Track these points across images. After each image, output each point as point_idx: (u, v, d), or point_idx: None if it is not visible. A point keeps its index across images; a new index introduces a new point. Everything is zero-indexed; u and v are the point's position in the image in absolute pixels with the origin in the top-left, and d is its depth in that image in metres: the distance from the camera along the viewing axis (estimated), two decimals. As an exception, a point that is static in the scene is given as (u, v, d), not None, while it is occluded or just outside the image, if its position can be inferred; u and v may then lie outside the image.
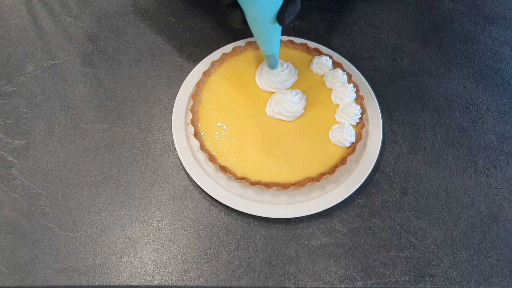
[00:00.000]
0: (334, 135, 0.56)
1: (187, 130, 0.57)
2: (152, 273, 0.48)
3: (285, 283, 0.48)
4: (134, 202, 0.53)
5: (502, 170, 0.58)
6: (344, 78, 0.60)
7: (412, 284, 0.49)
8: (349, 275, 0.49)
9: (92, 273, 0.48)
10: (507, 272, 0.50)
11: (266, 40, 0.52)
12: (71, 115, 0.59)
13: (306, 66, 0.63)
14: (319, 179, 0.52)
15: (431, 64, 0.68)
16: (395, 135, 0.60)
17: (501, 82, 0.66)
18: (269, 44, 0.53)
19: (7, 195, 0.52)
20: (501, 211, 0.54)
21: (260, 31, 0.50)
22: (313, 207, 0.51)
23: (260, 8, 0.45)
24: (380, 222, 0.53)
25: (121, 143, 0.57)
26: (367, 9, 0.74)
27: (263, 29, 0.49)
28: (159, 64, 0.65)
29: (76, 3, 0.72)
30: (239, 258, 0.50)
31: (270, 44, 0.53)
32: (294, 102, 0.57)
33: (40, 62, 0.64)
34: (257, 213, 0.51)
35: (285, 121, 0.57)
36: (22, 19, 0.69)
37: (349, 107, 0.56)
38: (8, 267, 0.48)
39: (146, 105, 0.61)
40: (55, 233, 0.50)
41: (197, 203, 0.53)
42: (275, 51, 0.54)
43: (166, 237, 0.51)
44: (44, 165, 0.55)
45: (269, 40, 0.52)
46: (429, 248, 0.51)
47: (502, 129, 0.61)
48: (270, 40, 0.52)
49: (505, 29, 0.73)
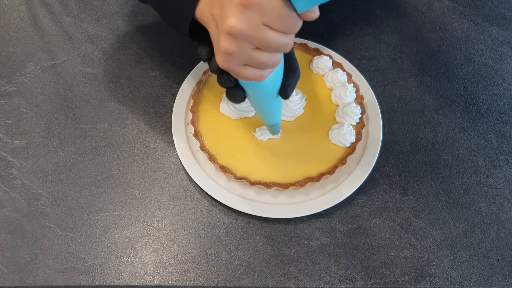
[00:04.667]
0: (334, 135, 0.56)
1: (187, 130, 0.57)
2: (152, 273, 0.48)
3: (285, 283, 0.48)
4: (134, 202, 0.53)
5: (502, 170, 0.58)
6: (344, 78, 0.60)
7: (412, 284, 0.49)
8: (349, 275, 0.49)
9: (92, 273, 0.48)
10: (507, 272, 0.50)
11: (270, 113, 0.50)
12: (71, 115, 0.59)
13: (306, 66, 0.63)
14: (319, 179, 0.52)
15: (431, 64, 0.68)
16: (395, 135, 0.60)
17: (501, 82, 0.66)
18: (272, 116, 0.50)
19: (7, 195, 0.52)
20: (501, 211, 0.54)
21: (263, 107, 0.48)
22: (313, 207, 0.51)
23: (264, 90, 0.43)
24: (380, 222, 0.53)
25: (121, 143, 0.57)
26: (367, 9, 0.74)
27: (266, 105, 0.48)
28: (159, 64, 0.65)
29: (76, 3, 0.72)
30: (239, 258, 0.50)
31: (273, 115, 0.50)
32: (294, 102, 0.57)
33: (40, 62, 0.64)
34: (257, 213, 0.51)
35: (285, 121, 0.57)
36: (22, 19, 0.69)
37: (349, 107, 0.56)
38: (8, 267, 0.48)
39: (146, 105, 0.61)
40: (55, 233, 0.50)
41: (197, 203, 0.53)
42: (278, 120, 0.52)
43: (166, 237, 0.51)
44: (44, 165, 0.55)
45: (273, 113, 0.50)
46: (429, 248, 0.51)
47: (502, 129, 0.61)
48: (274, 113, 0.50)
49: (505, 29, 0.73)
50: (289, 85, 0.44)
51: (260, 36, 0.34)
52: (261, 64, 0.37)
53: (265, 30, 0.34)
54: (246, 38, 0.35)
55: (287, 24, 0.34)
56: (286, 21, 0.34)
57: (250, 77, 0.39)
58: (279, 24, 0.34)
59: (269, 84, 0.42)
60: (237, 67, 0.38)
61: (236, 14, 0.33)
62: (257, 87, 0.42)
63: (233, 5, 0.33)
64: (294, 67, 0.44)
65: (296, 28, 0.36)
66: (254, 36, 0.34)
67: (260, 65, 0.37)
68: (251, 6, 0.33)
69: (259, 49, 0.36)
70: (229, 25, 0.34)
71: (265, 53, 0.37)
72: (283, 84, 0.44)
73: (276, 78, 0.43)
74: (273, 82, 0.43)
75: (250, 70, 0.38)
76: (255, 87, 0.42)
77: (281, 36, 0.35)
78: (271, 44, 0.35)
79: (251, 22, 0.34)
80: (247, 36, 0.34)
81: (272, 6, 0.33)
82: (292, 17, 0.34)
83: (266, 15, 0.33)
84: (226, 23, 0.34)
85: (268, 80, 0.41)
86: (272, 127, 0.53)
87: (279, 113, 0.51)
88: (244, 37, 0.34)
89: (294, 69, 0.44)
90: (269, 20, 0.34)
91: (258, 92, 0.44)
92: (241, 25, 0.34)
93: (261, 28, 0.34)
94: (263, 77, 0.39)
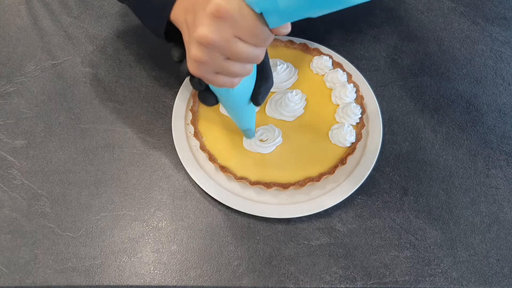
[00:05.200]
0: (334, 135, 0.56)
1: (187, 130, 0.57)
2: (152, 273, 0.48)
3: (285, 283, 0.48)
4: (134, 202, 0.53)
5: (502, 170, 0.58)
6: (344, 78, 0.60)
7: (412, 284, 0.49)
8: (349, 275, 0.49)
9: (92, 273, 0.48)
10: (507, 272, 0.50)
11: (241, 118, 0.50)
12: (71, 115, 0.59)
13: (306, 66, 0.63)
14: (319, 179, 0.52)
15: (431, 64, 0.68)
16: (395, 135, 0.60)
17: (501, 82, 0.66)
18: (244, 121, 0.50)
19: (7, 195, 0.52)
20: (501, 211, 0.54)
21: (234, 112, 0.49)
22: (313, 207, 0.51)
23: (234, 96, 0.43)
24: (380, 222, 0.53)
25: (121, 143, 0.57)
26: (367, 9, 0.74)
27: (238, 110, 0.48)
28: (159, 64, 0.65)
29: (76, 3, 0.72)
30: (239, 258, 0.50)
31: (245, 120, 0.51)
32: (294, 102, 0.57)
33: (40, 62, 0.64)
34: (257, 213, 0.51)
35: (285, 121, 0.57)
36: (22, 19, 0.69)
37: (349, 107, 0.56)
38: (8, 267, 0.48)
39: (146, 105, 0.61)
40: (55, 233, 0.50)
41: (197, 203, 0.53)
42: (251, 125, 0.52)
43: (166, 237, 0.51)
44: (44, 165, 0.55)
45: (244, 118, 0.50)
46: (429, 248, 0.51)
47: (502, 129, 0.61)
48: (245, 118, 0.50)
49: (505, 29, 0.73)
50: (260, 93, 0.44)
51: (231, 47, 0.34)
52: (232, 73, 0.37)
53: (236, 42, 0.34)
54: (217, 49, 0.34)
55: (258, 38, 0.34)
56: (258, 35, 0.34)
57: (221, 84, 0.39)
58: (250, 38, 0.34)
59: (239, 91, 0.43)
60: (207, 74, 0.38)
61: (208, 24, 0.33)
62: (227, 92, 0.42)
63: (205, 15, 0.33)
64: (267, 75, 0.44)
65: (267, 42, 0.35)
66: (225, 47, 0.34)
67: (230, 74, 0.37)
68: (223, 18, 0.32)
69: (230, 59, 0.36)
70: (199, 35, 0.34)
71: (236, 63, 0.36)
72: (254, 91, 0.44)
73: (247, 85, 0.43)
74: (243, 90, 0.43)
75: (221, 78, 0.38)
76: (225, 93, 0.42)
77: (252, 49, 0.35)
78: (241, 56, 0.35)
79: (222, 34, 0.33)
80: (218, 46, 0.34)
81: (244, 19, 0.32)
82: (264, 31, 0.34)
83: (238, 28, 0.33)
84: (197, 32, 0.34)
85: (239, 88, 0.41)
86: (245, 131, 0.53)
87: (251, 119, 0.51)
88: (215, 47, 0.34)
89: (266, 77, 0.44)
90: (241, 33, 0.33)
91: (229, 98, 0.44)
92: (212, 36, 0.33)
93: (232, 40, 0.34)
94: (234, 84, 0.39)
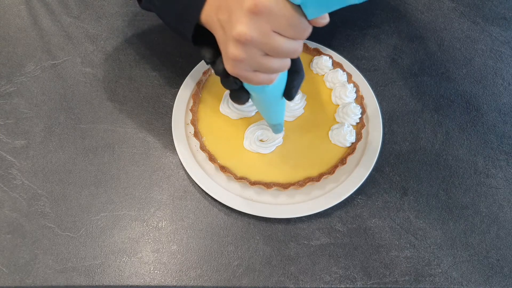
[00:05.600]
0: (334, 135, 0.56)
1: (187, 130, 0.57)
2: (152, 273, 0.48)
3: (285, 283, 0.48)
4: (134, 202, 0.53)
5: (502, 170, 0.58)
6: (344, 78, 0.60)
7: (412, 284, 0.49)
8: (349, 275, 0.49)
9: (92, 273, 0.48)
10: (507, 272, 0.50)
11: (273, 114, 0.49)
12: (71, 115, 0.59)
13: (306, 66, 0.63)
14: (319, 179, 0.52)
15: (431, 64, 0.68)
16: (395, 135, 0.60)
17: (501, 82, 0.66)
18: (276, 116, 0.50)
19: (7, 195, 0.52)
20: (501, 211, 0.54)
21: (266, 108, 0.48)
22: (313, 207, 0.51)
23: (269, 92, 0.43)
24: (380, 222, 0.53)
25: (121, 143, 0.57)
26: (367, 9, 0.74)
27: (270, 106, 0.47)
28: (159, 64, 0.65)
29: (76, 3, 0.72)
30: (239, 258, 0.50)
31: (277, 116, 0.50)
32: (294, 102, 0.57)
33: (40, 62, 0.64)
34: (257, 213, 0.51)
35: (285, 121, 0.57)
36: (22, 19, 0.69)
37: (349, 107, 0.56)
38: (8, 267, 0.48)
39: (146, 105, 0.61)
40: (55, 233, 0.50)
41: (197, 203, 0.53)
42: (281, 120, 0.51)
43: (166, 237, 0.51)
44: (44, 165, 0.55)
45: (276, 113, 0.49)
46: (429, 248, 0.51)
47: (502, 129, 0.61)
48: (277, 113, 0.49)
49: (505, 29, 0.73)
50: (294, 86, 0.44)
51: (270, 43, 0.34)
52: (271, 69, 0.37)
53: (274, 37, 0.34)
54: (256, 45, 0.34)
55: (297, 30, 0.34)
56: (296, 28, 0.34)
57: (260, 81, 0.38)
58: (289, 31, 0.34)
59: (274, 87, 0.42)
60: (246, 72, 0.37)
61: (246, 21, 0.33)
62: (262, 90, 0.42)
63: (242, 12, 0.33)
64: (299, 68, 0.44)
65: (306, 34, 0.35)
66: (264, 43, 0.34)
67: (269, 70, 0.37)
68: (261, 13, 0.32)
69: (269, 55, 0.36)
70: (238, 33, 0.33)
71: (274, 59, 0.36)
72: (288, 85, 0.44)
73: (280, 80, 0.42)
74: (277, 85, 0.42)
75: (259, 75, 0.38)
76: (260, 90, 0.42)
77: (291, 42, 0.35)
78: (281, 51, 0.35)
79: (261, 29, 0.33)
80: (257, 43, 0.34)
81: (282, 13, 0.32)
82: (302, 23, 0.33)
83: (276, 22, 0.33)
84: (235, 30, 0.33)
85: (273, 84, 0.41)
86: (275, 126, 0.52)
87: (282, 113, 0.50)
88: (253, 44, 0.34)
89: (298, 70, 0.43)
90: (279, 27, 0.33)
91: (263, 95, 0.43)
92: (250, 33, 0.33)
93: (271, 35, 0.33)
94: (272, 81, 0.39)
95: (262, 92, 0.43)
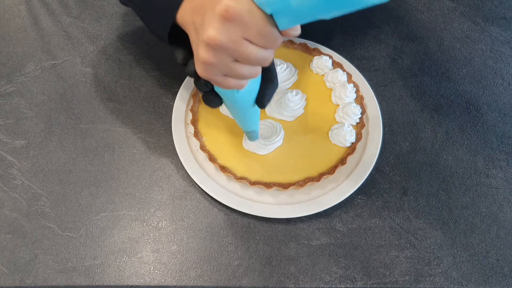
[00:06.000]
0: (334, 135, 0.56)
1: (187, 130, 0.57)
2: (152, 273, 0.48)
3: (285, 283, 0.48)
4: (134, 202, 0.53)
5: (502, 170, 0.58)
6: (344, 78, 0.60)
7: (412, 284, 0.49)
8: (349, 275, 0.49)
9: (92, 273, 0.48)
10: (507, 272, 0.50)
11: (246, 120, 0.50)
12: (71, 115, 0.59)
13: (306, 66, 0.63)
14: (319, 179, 0.52)
15: (431, 64, 0.68)
16: (395, 135, 0.60)
17: (501, 82, 0.66)
18: (249, 122, 0.50)
19: (7, 195, 0.52)
20: (501, 211, 0.54)
21: (238, 114, 0.48)
22: (313, 207, 0.51)
23: (240, 98, 0.43)
24: (380, 222, 0.53)
25: (121, 143, 0.57)
26: (367, 9, 0.73)
27: (242, 112, 0.47)
28: (159, 64, 0.65)
29: (76, 3, 0.72)
30: (239, 258, 0.50)
31: (250, 123, 0.50)
32: (294, 102, 0.57)
33: (40, 62, 0.64)
34: (257, 213, 0.51)
35: (285, 121, 0.57)
36: (22, 19, 0.69)
37: (349, 107, 0.56)
38: (8, 267, 0.48)
39: (146, 105, 0.61)
40: (55, 233, 0.50)
41: (197, 203, 0.53)
42: (255, 127, 0.51)
43: (166, 237, 0.51)
44: (44, 165, 0.55)
45: (249, 120, 0.49)
46: (429, 248, 0.51)
47: (502, 129, 0.61)
48: (250, 120, 0.49)
49: (505, 29, 0.73)
50: (266, 95, 0.44)
51: (240, 50, 0.34)
52: (240, 75, 0.37)
53: (245, 44, 0.34)
54: (226, 51, 0.34)
55: (268, 40, 0.34)
56: (267, 37, 0.34)
57: (229, 86, 0.39)
58: (260, 40, 0.34)
59: (245, 93, 0.42)
60: (215, 76, 0.37)
61: (217, 26, 0.33)
62: (232, 95, 0.42)
63: (214, 16, 0.33)
64: (272, 76, 0.44)
65: (277, 44, 0.35)
66: (234, 50, 0.34)
67: (239, 76, 0.37)
68: (232, 19, 0.32)
69: (239, 62, 0.36)
70: (208, 36, 0.33)
71: (244, 65, 0.36)
72: (260, 93, 0.44)
73: (252, 87, 0.42)
74: (249, 91, 0.43)
75: (229, 80, 0.38)
76: (230, 95, 0.42)
77: (261, 51, 0.35)
78: (251, 58, 0.35)
79: (231, 36, 0.33)
80: (227, 49, 0.34)
81: (254, 21, 0.32)
82: (274, 33, 0.33)
83: (247, 30, 0.33)
84: (206, 34, 0.33)
85: (244, 90, 0.41)
86: (248, 133, 0.52)
87: (256, 121, 0.50)
88: (223, 49, 0.34)
89: (272, 78, 0.44)
90: (250, 35, 0.33)
91: (234, 100, 0.43)
92: (220, 38, 0.33)
93: (241, 42, 0.33)
94: (242, 86, 0.39)
95: (233, 97, 0.43)
